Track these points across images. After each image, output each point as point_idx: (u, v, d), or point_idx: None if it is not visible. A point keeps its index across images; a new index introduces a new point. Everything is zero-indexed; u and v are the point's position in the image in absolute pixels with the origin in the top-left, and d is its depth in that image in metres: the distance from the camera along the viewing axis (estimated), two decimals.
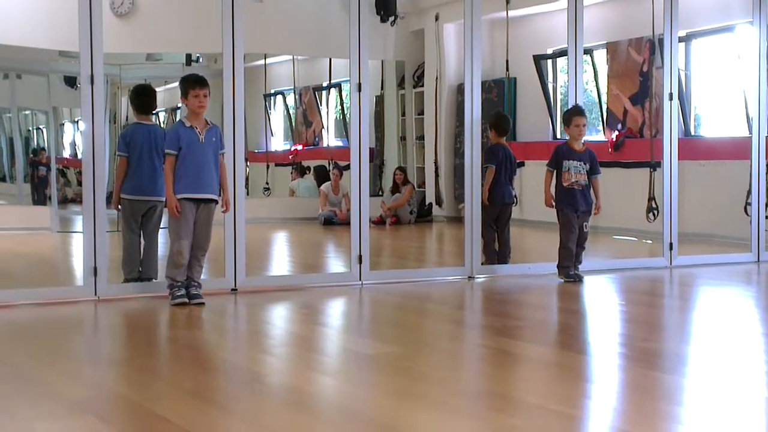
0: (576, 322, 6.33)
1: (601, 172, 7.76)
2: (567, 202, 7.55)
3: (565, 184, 7.56)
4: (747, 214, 9.15)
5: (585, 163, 7.58)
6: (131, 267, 7.00)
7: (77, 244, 9.50)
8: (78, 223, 10.72)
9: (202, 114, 6.44)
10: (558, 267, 7.63)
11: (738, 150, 9.71)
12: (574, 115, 7.68)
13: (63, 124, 16.29)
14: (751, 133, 9.06)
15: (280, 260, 10.38)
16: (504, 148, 8.20)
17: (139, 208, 6.98)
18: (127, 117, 15.59)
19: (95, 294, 6.66)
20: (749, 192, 9.06)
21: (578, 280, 7.51)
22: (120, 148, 6.95)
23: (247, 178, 10.92)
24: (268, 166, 15.50)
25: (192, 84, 6.41)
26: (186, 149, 6.37)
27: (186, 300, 6.41)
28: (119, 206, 7.03)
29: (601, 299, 7.19)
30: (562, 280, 7.53)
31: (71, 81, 13.17)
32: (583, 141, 7.68)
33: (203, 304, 6.42)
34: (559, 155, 7.60)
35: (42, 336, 5.71)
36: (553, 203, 7.63)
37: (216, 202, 6.55)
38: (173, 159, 6.37)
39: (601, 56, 12.32)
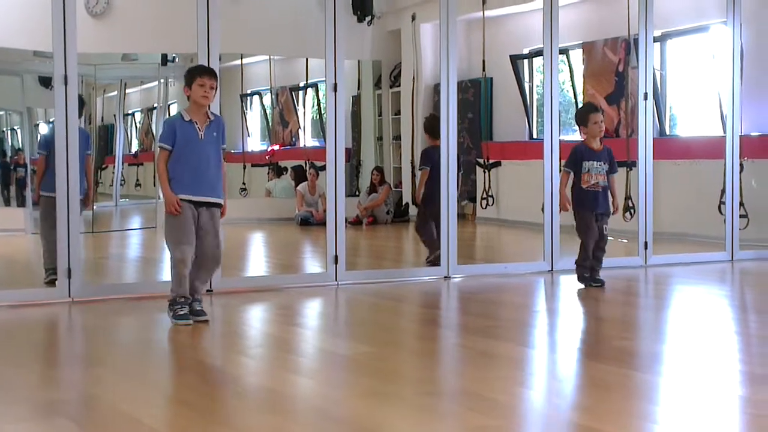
0: (551, 321, 6.34)
1: (618, 170, 7.49)
2: (586, 204, 7.23)
3: (584, 186, 7.21)
4: (721, 213, 9.21)
5: (605, 163, 7.26)
6: (52, 261, 6.93)
7: None
8: None
9: (204, 107, 5.85)
10: (576, 268, 7.36)
11: (712, 149, 9.76)
12: (590, 112, 7.41)
13: (38, 125, 16.18)
14: (725, 132, 9.12)
15: (257, 261, 10.35)
16: (440, 149, 8.16)
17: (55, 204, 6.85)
18: (102, 118, 15.55)
19: (69, 296, 6.61)
20: (723, 191, 9.12)
21: (599, 284, 7.24)
22: (40, 146, 7.01)
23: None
24: (244, 167, 15.46)
25: (200, 72, 5.86)
26: (183, 146, 5.77)
27: (190, 322, 5.76)
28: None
29: (577, 298, 7.20)
30: (583, 285, 7.28)
31: (46, 81, 13.07)
32: (600, 139, 7.38)
33: (207, 320, 5.88)
34: (578, 156, 7.26)
35: (14, 338, 5.66)
36: (569, 207, 7.33)
37: (219, 206, 5.94)
38: (167, 154, 5.78)
39: (577, 56, 12.36)
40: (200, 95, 5.80)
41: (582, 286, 7.30)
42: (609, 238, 7.38)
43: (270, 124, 16.41)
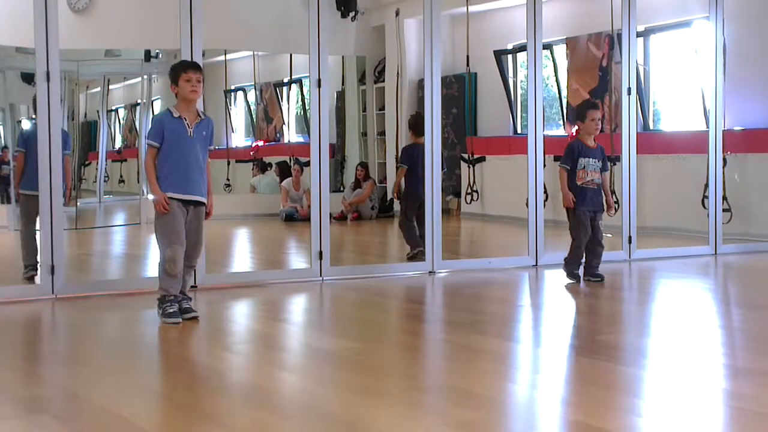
0: (536, 315, 6.35)
1: (609, 168, 7.40)
2: (580, 201, 7.17)
3: (579, 183, 7.15)
4: (704, 208, 9.25)
5: (598, 160, 7.22)
6: (30, 257, 7.30)
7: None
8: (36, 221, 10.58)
9: (194, 102, 5.76)
10: (565, 265, 7.31)
11: (695, 144, 9.80)
12: (588, 108, 7.31)
13: (20, 122, 16.10)
14: (708, 127, 9.15)
15: (241, 257, 10.33)
16: (421, 147, 8.19)
17: (35, 202, 6.93)
18: (86, 114, 15.48)
19: (53, 292, 6.59)
20: (707, 185, 9.15)
21: (599, 280, 7.19)
22: (19, 144, 7.19)
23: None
24: (228, 163, 15.43)
25: (184, 67, 5.77)
26: (171, 143, 5.66)
27: (179, 320, 5.68)
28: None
29: (561, 293, 7.22)
30: (572, 281, 7.23)
31: (29, 77, 13.00)
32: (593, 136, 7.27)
33: (197, 317, 5.80)
34: (575, 152, 7.17)
35: None
36: (573, 203, 7.16)
37: (204, 204, 5.85)
38: (155, 151, 5.68)
39: (560, 51, 12.38)
40: (189, 90, 5.69)
41: (571, 281, 7.25)
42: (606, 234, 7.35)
43: (254, 120, 16.37)
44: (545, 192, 8.50)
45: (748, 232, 9.54)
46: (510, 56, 13.18)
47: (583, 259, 7.33)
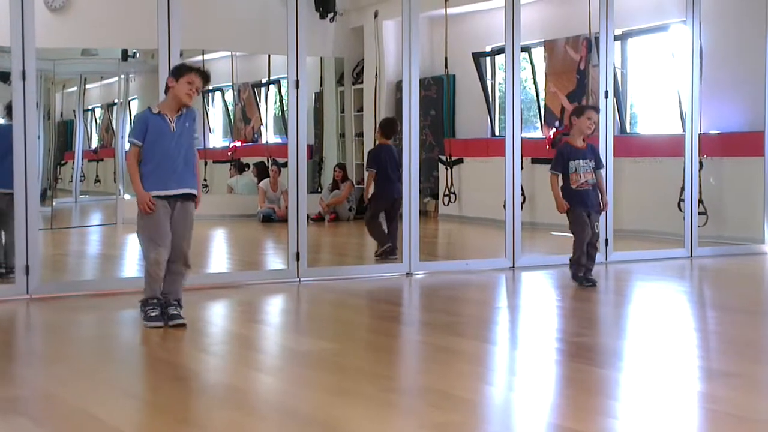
0: (513, 317, 6.37)
1: (603, 165, 7.42)
2: (578, 203, 7.12)
3: (574, 186, 7.11)
4: (681, 210, 9.30)
5: (590, 160, 7.20)
6: None
7: None
8: None
9: (182, 106, 5.62)
10: (570, 266, 7.24)
11: (672, 147, 9.86)
12: (589, 108, 7.30)
13: None
14: (684, 130, 9.21)
15: (218, 258, 10.29)
16: (388, 148, 8.27)
17: None
18: (62, 113, 15.38)
19: (27, 292, 6.54)
20: (683, 188, 9.20)
21: (591, 284, 7.11)
22: None
23: None
24: (206, 163, 15.38)
25: (194, 70, 5.63)
26: (155, 141, 5.54)
27: (161, 324, 5.53)
28: None
29: (538, 294, 7.24)
30: (577, 284, 7.15)
31: (4, 76, 12.92)
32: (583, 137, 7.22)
33: (185, 325, 5.58)
34: (565, 156, 7.12)
35: None
36: (566, 207, 7.12)
37: (193, 197, 5.71)
38: (137, 150, 5.53)
39: (539, 54, 12.42)
40: (185, 92, 5.55)
41: (575, 284, 7.17)
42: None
43: (232, 120, 16.33)
44: (523, 194, 8.52)
45: (723, 235, 9.61)
46: (488, 58, 13.21)
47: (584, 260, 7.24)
